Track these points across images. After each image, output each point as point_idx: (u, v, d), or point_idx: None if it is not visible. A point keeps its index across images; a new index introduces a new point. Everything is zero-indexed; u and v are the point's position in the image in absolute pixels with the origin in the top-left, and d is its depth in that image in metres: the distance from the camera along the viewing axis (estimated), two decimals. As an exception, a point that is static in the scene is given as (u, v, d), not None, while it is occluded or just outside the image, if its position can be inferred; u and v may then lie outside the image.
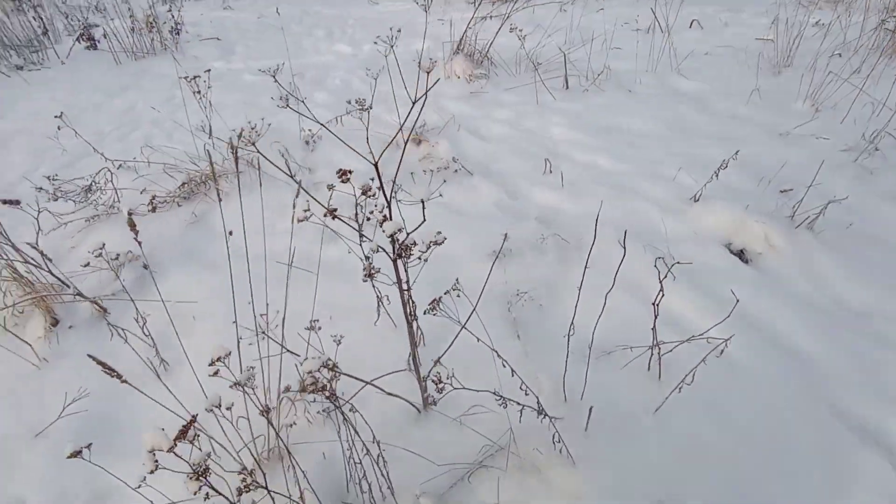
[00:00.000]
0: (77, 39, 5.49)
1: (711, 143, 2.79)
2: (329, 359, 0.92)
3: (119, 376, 0.87)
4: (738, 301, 1.42)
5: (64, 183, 2.61)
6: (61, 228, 2.50)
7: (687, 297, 1.89)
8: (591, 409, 1.41)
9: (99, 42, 5.43)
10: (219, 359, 0.90)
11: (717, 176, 2.17)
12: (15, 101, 4.37)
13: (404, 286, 1.29)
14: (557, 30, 4.45)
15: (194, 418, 0.82)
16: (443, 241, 1.24)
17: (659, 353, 1.57)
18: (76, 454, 1.09)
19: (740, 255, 2.10)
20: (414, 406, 1.54)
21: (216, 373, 0.90)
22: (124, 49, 5.13)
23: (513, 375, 1.38)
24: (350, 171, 1.20)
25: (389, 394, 1.40)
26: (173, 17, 5.54)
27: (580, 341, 1.76)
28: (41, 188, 2.57)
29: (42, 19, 5.47)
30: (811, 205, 2.12)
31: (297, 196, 1.27)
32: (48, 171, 3.18)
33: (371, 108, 1.33)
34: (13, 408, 1.75)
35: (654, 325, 1.48)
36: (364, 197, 1.20)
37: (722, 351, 1.49)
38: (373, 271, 1.07)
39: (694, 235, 2.16)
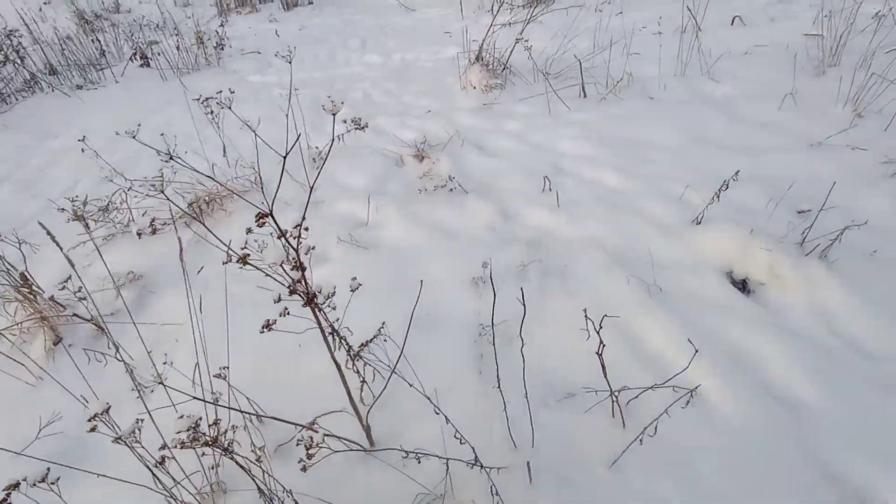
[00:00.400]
0: (131, 58, 5.86)
1: (732, 155, 2.56)
2: (199, 419, 0.90)
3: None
4: (696, 351, 1.28)
5: (82, 203, 2.77)
6: (79, 247, 2.66)
7: (671, 333, 1.74)
8: (528, 463, 1.32)
9: (151, 60, 5.77)
10: (96, 415, 0.91)
11: (717, 198, 1.99)
12: (71, 119, 4.71)
13: (327, 331, 1.26)
14: (578, 34, 4.26)
15: (16, 485, 0.83)
16: (357, 288, 1.20)
17: (616, 400, 1.45)
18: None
19: (743, 285, 1.91)
20: (360, 445, 1.50)
21: (94, 429, 0.91)
22: (171, 66, 5.42)
23: (447, 423, 1.31)
24: (266, 215, 1.18)
25: (326, 434, 1.37)
26: (218, 33, 5.80)
27: (546, 382, 1.67)
28: (63, 209, 2.74)
29: (100, 41, 5.87)
30: (831, 228, 1.90)
31: (181, 248, 1.26)
32: (86, 188, 3.42)
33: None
34: (7, 424, 1.87)
35: (605, 375, 1.36)
36: (283, 239, 1.18)
37: (688, 402, 1.37)
38: (270, 323, 1.04)
39: (691, 262, 1.99)
